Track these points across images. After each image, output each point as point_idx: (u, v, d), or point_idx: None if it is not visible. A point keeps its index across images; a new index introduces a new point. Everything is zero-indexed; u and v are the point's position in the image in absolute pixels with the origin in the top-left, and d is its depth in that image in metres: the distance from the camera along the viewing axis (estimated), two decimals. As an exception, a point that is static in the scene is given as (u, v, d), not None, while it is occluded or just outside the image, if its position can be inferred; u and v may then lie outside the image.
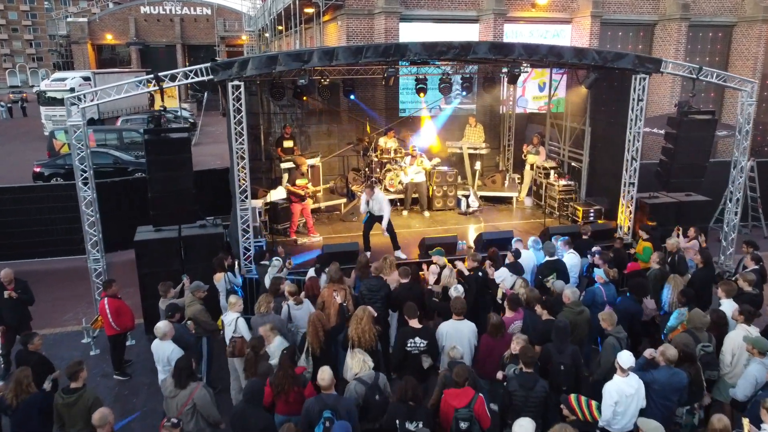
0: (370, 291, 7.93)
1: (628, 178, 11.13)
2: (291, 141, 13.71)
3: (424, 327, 6.69)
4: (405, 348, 6.53)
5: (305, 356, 6.75)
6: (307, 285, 8.20)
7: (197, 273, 9.33)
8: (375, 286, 7.93)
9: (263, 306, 7.28)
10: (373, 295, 7.90)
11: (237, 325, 7.45)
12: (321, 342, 6.71)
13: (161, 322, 6.69)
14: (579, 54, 10.15)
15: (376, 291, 7.90)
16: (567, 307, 7.33)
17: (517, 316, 7.35)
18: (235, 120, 9.29)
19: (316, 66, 9.49)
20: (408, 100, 16.63)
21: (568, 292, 7.40)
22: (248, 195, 9.72)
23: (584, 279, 9.64)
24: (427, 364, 6.57)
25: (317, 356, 6.72)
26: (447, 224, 12.88)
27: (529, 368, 5.80)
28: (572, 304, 7.32)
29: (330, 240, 11.78)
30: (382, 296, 7.87)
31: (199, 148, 29.72)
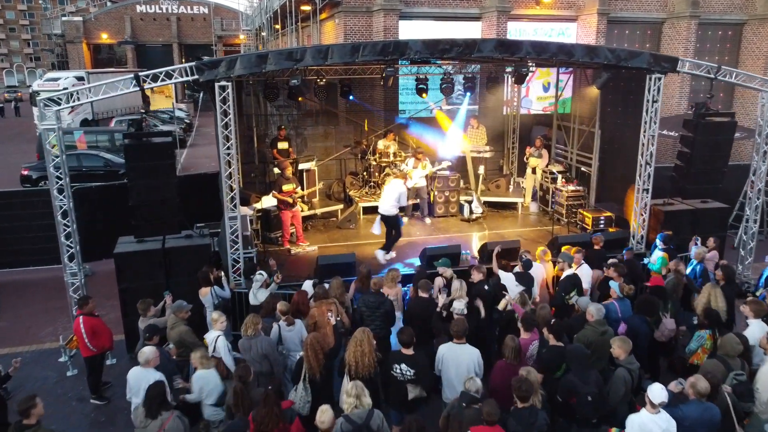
0: (368, 308, 7.30)
1: (641, 184, 10.49)
2: (286, 143, 13.06)
3: (415, 355, 6.05)
4: (390, 372, 5.93)
5: (303, 384, 6.13)
6: (294, 300, 7.54)
7: (183, 287, 8.77)
8: (373, 302, 7.29)
9: (250, 328, 6.62)
10: (371, 312, 7.27)
11: (216, 345, 6.82)
12: (321, 366, 6.12)
13: (147, 347, 6.04)
14: (591, 52, 9.51)
15: (374, 308, 7.27)
16: (590, 326, 6.71)
17: (533, 337, 6.73)
18: (222, 123, 8.64)
19: (309, 65, 8.85)
20: (408, 100, 16.01)
21: (593, 309, 6.75)
22: (237, 203, 9.07)
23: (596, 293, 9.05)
24: (412, 395, 6.02)
25: (317, 382, 6.12)
26: (449, 231, 12.23)
27: (524, 403, 5.16)
28: (596, 323, 6.69)
29: (326, 249, 11.14)
30: (381, 314, 7.24)
31: (194, 150, 29.11)
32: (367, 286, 8.14)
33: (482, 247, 10.43)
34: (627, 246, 10.61)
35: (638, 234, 10.73)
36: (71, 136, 22.76)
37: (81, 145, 21.99)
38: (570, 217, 12.26)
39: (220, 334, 6.87)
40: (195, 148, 29.45)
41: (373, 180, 13.73)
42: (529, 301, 7.53)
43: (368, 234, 12.02)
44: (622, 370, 5.97)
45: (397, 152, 13.57)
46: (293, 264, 10.46)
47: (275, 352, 6.75)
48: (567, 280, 8.18)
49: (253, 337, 6.59)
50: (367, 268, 8.30)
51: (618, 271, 8.19)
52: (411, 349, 6.04)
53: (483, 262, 10.16)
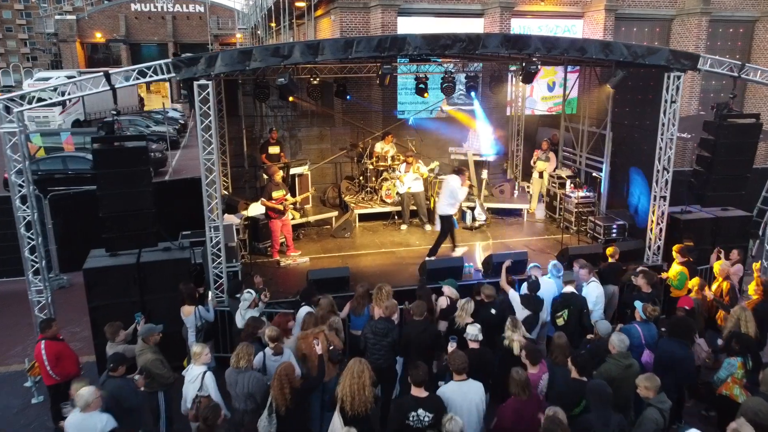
0: (375, 335, 6.51)
1: (658, 191, 9.72)
2: (277, 147, 12.29)
3: (431, 396, 5.25)
4: (405, 422, 5.10)
5: (267, 413, 5.49)
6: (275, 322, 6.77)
7: (160, 306, 8.05)
8: (382, 329, 6.51)
9: (243, 359, 5.84)
10: (378, 341, 6.49)
11: (204, 382, 6.04)
12: (287, 401, 5.44)
13: (85, 389, 5.23)
14: (605, 49, 8.74)
15: (382, 336, 6.48)
16: (613, 358, 5.94)
17: (542, 370, 5.96)
18: (202, 125, 7.87)
19: (298, 62, 8.08)
20: (408, 100, 15.25)
21: (616, 340, 5.97)
22: (219, 213, 8.30)
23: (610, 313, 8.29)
24: None
25: (282, 416, 5.46)
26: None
27: None
28: (619, 355, 5.93)
29: (318, 261, 10.36)
30: (388, 344, 6.47)
31: (188, 151, 28.31)
32: (362, 306, 7.39)
33: (487, 259, 9.66)
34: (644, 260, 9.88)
35: (654, 244, 9.96)
36: (58, 138, 22.03)
37: (68, 147, 21.24)
38: (579, 225, 11.48)
39: (206, 370, 6.10)
40: (189, 150, 28.64)
41: (370, 185, 12.96)
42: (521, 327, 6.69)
43: (364, 243, 11.28)
44: (652, 411, 5.20)
45: (396, 155, 12.80)
46: (282, 278, 9.69)
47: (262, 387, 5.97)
48: (561, 299, 7.41)
49: (243, 371, 5.83)
50: (364, 287, 7.53)
51: (648, 278, 7.45)
52: (424, 389, 5.25)
53: (488, 275, 9.41)
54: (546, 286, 7.78)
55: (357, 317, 7.47)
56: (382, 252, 10.79)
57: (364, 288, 7.49)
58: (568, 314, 7.29)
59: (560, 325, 7.29)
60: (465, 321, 6.80)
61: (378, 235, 11.81)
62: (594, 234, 11.13)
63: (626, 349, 6.01)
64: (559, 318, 7.33)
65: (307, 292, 7.60)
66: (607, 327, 6.56)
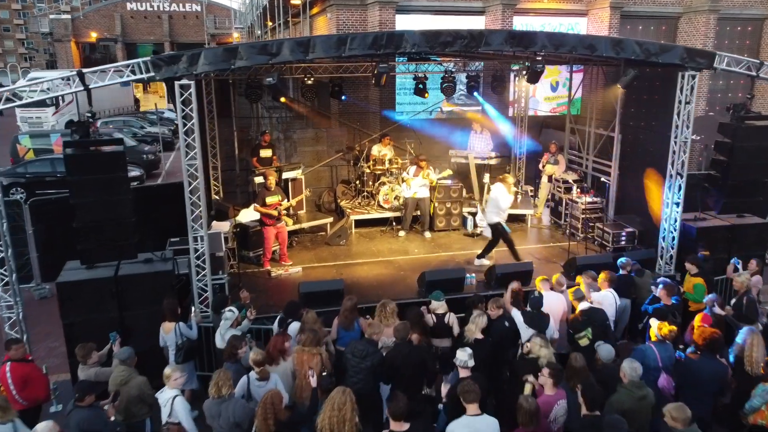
0: (355, 356, 5.96)
1: (671, 197, 9.17)
2: (269, 150, 11.74)
3: (413, 428, 4.71)
4: None
5: None
6: (269, 347, 6.23)
7: (140, 323, 7.52)
8: (361, 351, 5.95)
9: (224, 387, 5.29)
10: (357, 363, 5.93)
11: (174, 408, 5.53)
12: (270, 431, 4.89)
13: (41, 424, 4.67)
14: (616, 46, 8.19)
15: (361, 358, 5.92)
16: (624, 388, 5.39)
17: (559, 395, 5.41)
18: (183, 129, 7.32)
19: (287, 61, 7.52)
20: (406, 101, 14.71)
21: (627, 368, 5.42)
22: (204, 222, 7.74)
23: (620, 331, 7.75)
24: None
25: None
26: (451, 248, 10.90)
27: None
28: (632, 384, 5.37)
29: (311, 271, 9.81)
30: (367, 367, 5.89)
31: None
32: (350, 321, 6.85)
33: (490, 270, 9.11)
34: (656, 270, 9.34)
35: (667, 254, 9.41)
36: (48, 140, 21.47)
37: (58, 149, 20.68)
38: (586, 231, 10.93)
39: (177, 394, 5.57)
40: (183, 151, 28.03)
41: (367, 189, 12.41)
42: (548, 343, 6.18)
43: (360, 251, 10.73)
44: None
45: (394, 158, 12.25)
46: (274, 290, 9.14)
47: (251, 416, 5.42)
48: (581, 315, 6.84)
49: (226, 399, 5.28)
50: (352, 300, 6.98)
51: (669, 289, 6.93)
52: (404, 422, 4.70)
53: (490, 287, 8.87)
54: (552, 301, 7.23)
55: (348, 332, 6.93)
56: (379, 261, 10.26)
57: (352, 301, 6.94)
58: (592, 332, 6.73)
59: (584, 345, 6.71)
60: (474, 336, 6.26)
61: (375, 242, 11.27)
62: (602, 242, 10.58)
63: (639, 378, 5.47)
64: (582, 338, 6.73)
65: (292, 308, 7.04)
66: (609, 352, 5.98)
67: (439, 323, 6.95)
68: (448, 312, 7.03)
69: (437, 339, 7.03)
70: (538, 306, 6.76)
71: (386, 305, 6.70)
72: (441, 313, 6.97)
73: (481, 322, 6.36)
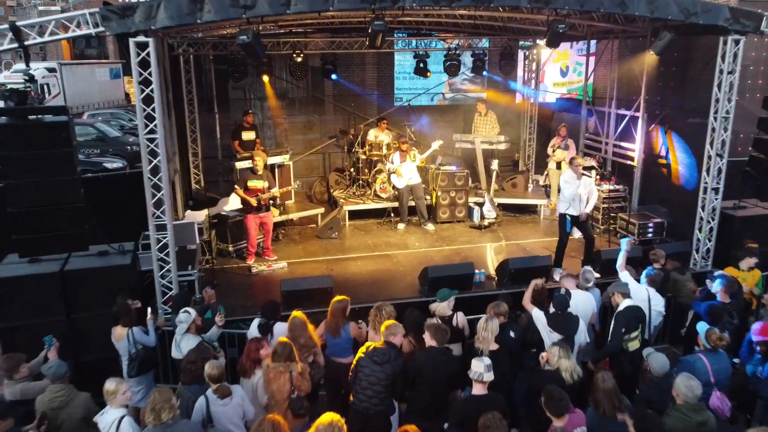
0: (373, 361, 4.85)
1: (710, 181, 8.01)
2: (252, 132, 10.55)
3: None
4: None
5: None
6: (244, 357, 5.09)
7: (91, 326, 6.38)
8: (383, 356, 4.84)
9: (165, 411, 4.15)
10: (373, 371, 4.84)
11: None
12: None
13: None
14: (650, 5, 7.00)
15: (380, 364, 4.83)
16: (678, 411, 4.26)
17: (576, 421, 4.25)
18: (142, 95, 6.14)
19: (266, 14, 6.32)
20: (406, 86, 13.53)
21: (683, 385, 4.30)
22: (168, 209, 6.56)
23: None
24: None
25: None
26: (456, 242, 9.73)
27: None
28: (688, 407, 4.24)
29: (298, 267, 8.63)
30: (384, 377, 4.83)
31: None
32: (337, 327, 5.70)
33: (501, 265, 7.95)
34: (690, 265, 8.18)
35: (703, 246, 8.25)
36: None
37: (36, 140, 19.56)
38: (607, 223, 9.75)
39: (124, 414, 4.42)
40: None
41: (362, 178, 11.24)
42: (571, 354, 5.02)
43: (355, 245, 9.56)
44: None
45: (392, 143, 11.07)
46: (253, 288, 7.97)
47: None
48: (627, 314, 5.68)
49: (170, 425, 4.13)
50: (342, 303, 5.82)
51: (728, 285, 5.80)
52: None
53: (503, 285, 7.70)
54: (579, 301, 6.06)
55: (334, 339, 5.78)
56: (375, 256, 9.09)
57: (342, 304, 5.79)
58: (641, 332, 5.60)
59: (634, 349, 5.60)
60: (490, 347, 5.10)
61: (371, 235, 10.09)
62: (626, 233, 9.41)
63: (697, 399, 4.32)
64: (633, 340, 5.60)
65: (271, 308, 5.88)
66: (663, 363, 4.82)
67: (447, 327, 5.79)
68: (455, 313, 5.87)
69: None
70: (564, 306, 5.59)
71: (382, 309, 5.56)
72: (448, 316, 5.81)
73: (492, 327, 5.19)
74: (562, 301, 5.59)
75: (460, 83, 13.57)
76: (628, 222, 9.39)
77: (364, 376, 4.87)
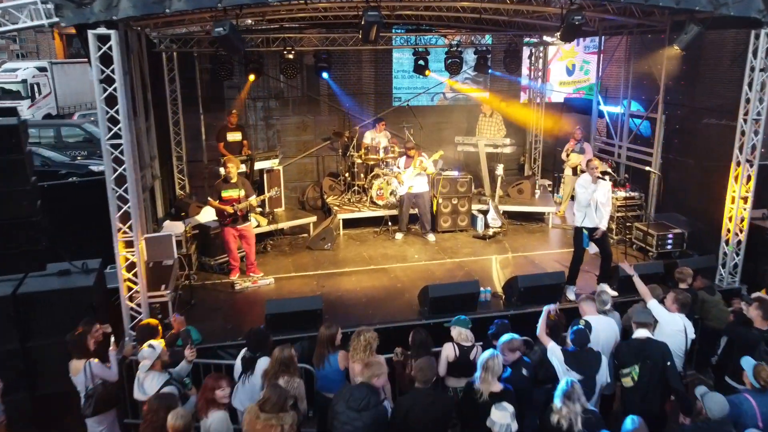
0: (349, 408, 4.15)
1: (738, 190, 7.28)
2: (238, 133, 9.82)
3: None
4: None
5: None
6: (199, 394, 4.40)
7: (48, 356, 5.65)
8: (359, 401, 4.14)
9: None
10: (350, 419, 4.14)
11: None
12: None
13: None
14: (677, -8, 6.28)
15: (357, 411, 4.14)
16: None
17: None
18: (103, 96, 5.41)
19: (243, 3, 5.60)
20: (404, 85, 12.81)
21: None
22: (135, 224, 5.83)
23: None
24: None
25: None
26: (459, 254, 8.99)
27: None
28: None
29: (286, 283, 7.89)
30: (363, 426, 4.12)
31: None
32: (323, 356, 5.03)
33: (509, 282, 7.21)
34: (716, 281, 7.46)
35: (731, 261, 7.52)
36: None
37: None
38: (623, 233, 9.02)
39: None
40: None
41: (358, 183, 10.50)
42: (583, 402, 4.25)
43: (349, 258, 8.83)
44: None
45: (390, 146, 10.33)
46: (237, 308, 7.24)
47: None
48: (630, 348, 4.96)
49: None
50: (331, 329, 5.12)
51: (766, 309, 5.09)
52: None
53: (511, 305, 6.98)
54: (600, 329, 5.32)
55: (320, 371, 5.09)
56: (371, 270, 8.35)
57: (330, 330, 5.10)
58: (639, 371, 4.86)
59: (627, 386, 4.90)
60: (492, 388, 4.38)
61: (367, 246, 9.35)
62: (644, 246, 8.68)
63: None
64: (626, 377, 4.91)
65: (257, 338, 5.15)
66: (723, 406, 4.10)
67: (463, 358, 5.09)
68: (476, 345, 5.16)
69: (454, 378, 5.18)
70: (584, 342, 4.84)
71: (361, 334, 5.00)
72: (467, 346, 5.10)
73: (495, 365, 4.45)
74: (582, 337, 4.84)
75: (461, 82, 12.87)
76: (645, 233, 8.65)
77: (340, 425, 4.16)
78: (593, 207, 6.99)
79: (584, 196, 6.98)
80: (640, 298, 6.70)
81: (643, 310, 5.25)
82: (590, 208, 6.99)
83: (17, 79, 28.92)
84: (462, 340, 5.15)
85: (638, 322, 5.07)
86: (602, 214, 7.03)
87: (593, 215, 6.98)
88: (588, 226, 7.01)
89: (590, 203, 6.96)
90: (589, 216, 6.99)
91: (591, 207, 6.99)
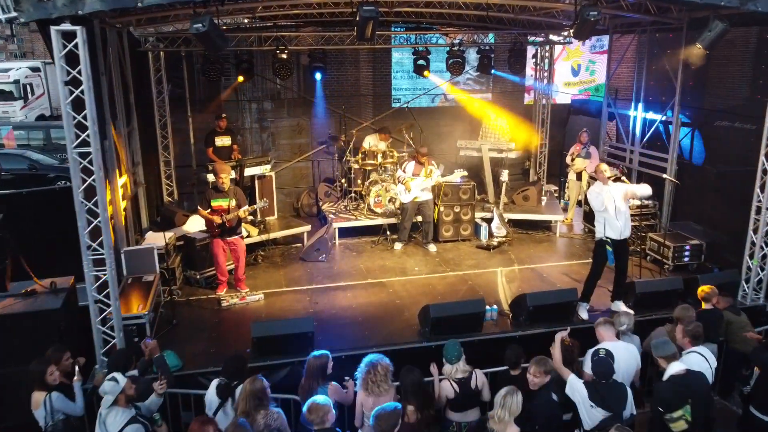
0: None
1: (765, 200, 6.74)
2: (228, 137, 9.29)
3: None
4: None
5: None
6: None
7: (11, 387, 5.11)
8: None
9: None
10: None
11: None
12: None
13: None
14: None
15: None
16: None
17: None
18: (69, 99, 4.87)
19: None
20: (403, 86, 12.29)
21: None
22: (107, 240, 5.28)
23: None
24: None
25: None
26: (462, 266, 8.44)
27: None
28: None
29: (276, 299, 7.35)
30: None
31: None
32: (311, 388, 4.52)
33: (517, 300, 6.67)
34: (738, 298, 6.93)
35: (755, 276, 6.99)
36: (-3, 134, 19.20)
37: (9, 144, 18.51)
38: (636, 244, 8.48)
39: None
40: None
41: (355, 190, 9.97)
42: None
43: (345, 271, 8.30)
44: None
45: (388, 151, 9.79)
46: (222, 329, 6.67)
47: None
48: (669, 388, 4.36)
49: None
50: (321, 359, 4.61)
51: None
52: None
53: (518, 325, 6.45)
54: (622, 357, 4.76)
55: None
56: (368, 284, 7.82)
57: (319, 360, 4.58)
58: (692, 411, 4.24)
59: (680, 430, 4.27)
60: (507, 430, 3.85)
61: (364, 257, 8.82)
62: (659, 258, 8.15)
63: None
64: (676, 421, 4.23)
65: (233, 366, 4.63)
66: None
67: (464, 391, 4.56)
68: (473, 371, 4.63)
69: (459, 413, 4.65)
70: (609, 372, 4.30)
71: (377, 366, 4.36)
72: (462, 378, 4.57)
73: (513, 404, 3.93)
74: (605, 369, 4.28)
75: (463, 83, 12.35)
76: (661, 244, 8.10)
77: None
78: (612, 212, 6.38)
79: (597, 200, 6.35)
80: (659, 317, 6.27)
81: (665, 341, 4.68)
82: (608, 213, 6.35)
83: (9, 79, 28.30)
84: (456, 373, 4.61)
85: (665, 356, 4.48)
86: (626, 219, 6.42)
87: (614, 222, 6.35)
88: (612, 237, 6.39)
89: (606, 207, 6.37)
90: (610, 224, 6.34)
91: (609, 212, 6.37)
